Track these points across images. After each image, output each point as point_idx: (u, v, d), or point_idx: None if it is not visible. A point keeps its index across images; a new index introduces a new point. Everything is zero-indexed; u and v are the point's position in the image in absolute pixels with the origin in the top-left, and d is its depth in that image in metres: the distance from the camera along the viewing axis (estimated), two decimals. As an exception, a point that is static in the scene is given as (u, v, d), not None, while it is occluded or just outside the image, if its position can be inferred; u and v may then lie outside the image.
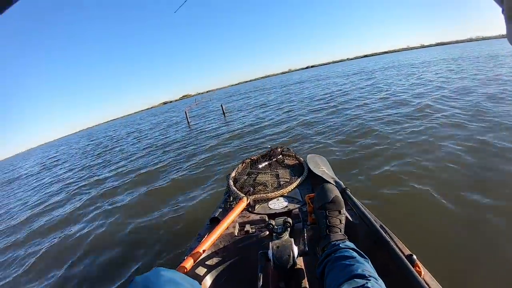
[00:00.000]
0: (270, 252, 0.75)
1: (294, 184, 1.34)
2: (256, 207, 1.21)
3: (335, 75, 19.90)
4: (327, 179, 1.27)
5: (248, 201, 1.21)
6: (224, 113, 9.94)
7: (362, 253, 0.67)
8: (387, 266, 0.72)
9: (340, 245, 0.71)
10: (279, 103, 9.69)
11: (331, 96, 8.45)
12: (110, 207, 3.21)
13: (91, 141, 16.13)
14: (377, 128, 3.74)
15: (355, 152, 3.04)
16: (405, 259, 0.68)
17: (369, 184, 2.23)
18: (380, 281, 0.56)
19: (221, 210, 1.22)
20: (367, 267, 0.61)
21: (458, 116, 3.60)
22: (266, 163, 1.68)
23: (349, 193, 1.06)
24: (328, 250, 0.72)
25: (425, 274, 0.67)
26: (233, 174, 1.56)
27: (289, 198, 1.25)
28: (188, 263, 0.81)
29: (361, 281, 0.55)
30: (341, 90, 9.54)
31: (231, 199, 1.30)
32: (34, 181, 7.43)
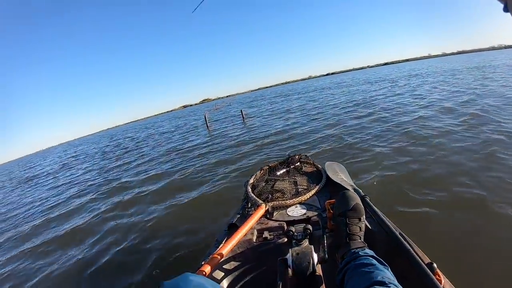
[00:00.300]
0: (289, 259, 0.76)
1: (313, 191, 1.34)
2: (274, 214, 1.21)
3: (360, 82, 19.16)
4: (346, 187, 1.25)
5: (267, 208, 1.22)
6: (243, 119, 9.92)
7: (382, 260, 0.67)
8: (406, 274, 0.71)
9: (360, 252, 0.71)
10: (304, 109, 9.13)
11: (365, 102, 7.93)
12: (128, 211, 3.30)
13: (113, 140, 16.55)
14: (432, 139, 3.35)
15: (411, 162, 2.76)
16: (425, 266, 0.67)
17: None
18: None
19: (239, 216, 1.23)
20: (387, 274, 0.60)
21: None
22: (284, 170, 1.69)
23: (368, 200, 1.05)
24: (347, 258, 0.72)
25: (445, 283, 0.66)
26: (251, 181, 1.58)
27: (307, 205, 1.24)
28: (207, 268, 0.82)
29: None
30: (372, 97, 9.03)
31: (249, 206, 1.31)
32: (50, 180, 7.77)
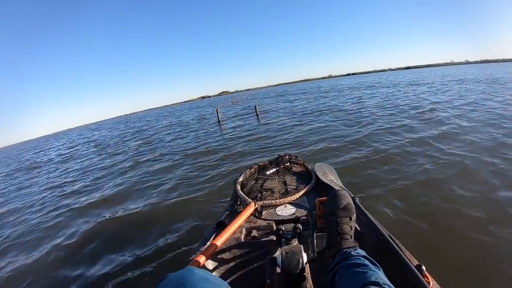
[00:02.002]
0: (278, 258, 0.75)
1: (302, 192, 1.34)
2: (263, 213, 1.21)
3: (387, 84, 18.00)
4: (335, 188, 1.26)
5: (256, 207, 1.21)
6: (257, 115, 9.47)
7: (374, 261, 0.67)
8: (395, 275, 0.71)
9: (352, 252, 0.71)
10: (334, 113, 7.67)
11: (406, 107, 6.88)
12: (111, 206, 3.21)
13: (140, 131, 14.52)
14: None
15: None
16: (415, 268, 0.67)
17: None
18: None
19: (227, 214, 1.21)
20: (380, 275, 0.60)
21: None
22: (274, 169, 1.68)
23: (358, 202, 1.06)
24: (339, 257, 0.72)
25: (433, 286, 0.67)
26: (240, 179, 1.56)
27: (296, 205, 1.24)
28: (194, 265, 0.81)
29: None
30: (413, 100, 8.05)
31: (238, 204, 1.30)
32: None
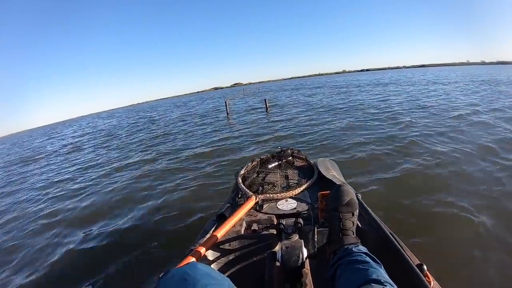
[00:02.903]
0: (278, 252, 0.75)
1: (304, 186, 1.33)
2: (264, 207, 1.20)
3: (409, 82, 16.52)
4: (337, 184, 1.25)
5: (257, 200, 1.20)
6: (267, 108, 9.31)
7: (375, 258, 0.66)
8: (395, 274, 0.71)
9: (353, 249, 0.70)
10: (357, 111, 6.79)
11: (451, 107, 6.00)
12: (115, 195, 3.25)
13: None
14: None
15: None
16: (416, 267, 0.66)
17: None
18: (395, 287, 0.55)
19: (228, 207, 1.21)
20: (381, 273, 0.59)
21: None
22: (276, 163, 1.67)
23: (360, 198, 1.05)
24: (340, 253, 0.71)
25: (434, 285, 0.66)
26: (242, 172, 1.56)
27: (298, 200, 1.23)
28: (193, 258, 0.80)
29: (378, 286, 0.54)
30: (447, 100, 7.28)
31: (239, 197, 1.30)
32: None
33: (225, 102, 10.41)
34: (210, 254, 0.93)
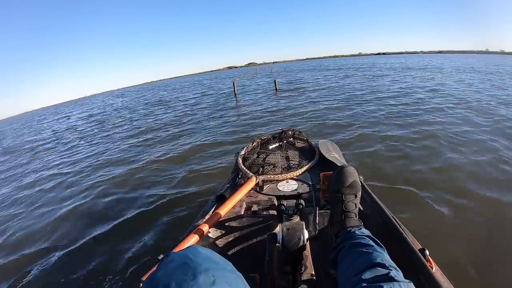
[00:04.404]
0: (279, 234, 0.74)
1: (305, 168, 1.31)
2: (264, 188, 1.19)
3: (440, 68, 14.04)
4: (338, 165, 1.23)
5: (257, 181, 1.19)
6: (276, 90, 8.98)
7: (379, 242, 0.65)
8: (397, 259, 0.71)
9: (356, 231, 0.69)
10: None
11: None
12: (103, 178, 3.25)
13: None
14: None
15: None
16: (418, 252, 0.66)
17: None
18: (400, 272, 0.54)
19: (228, 187, 1.20)
20: (385, 256, 0.58)
21: None
22: (277, 144, 1.64)
23: (362, 181, 1.03)
24: (343, 236, 0.70)
25: (436, 271, 0.65)
26: (242, 153, 1.53)
27: (299, 181, 1.22)
28: (191, 240, 0.79)
29: (383, 270, 0.53)
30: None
31: (239, 177, 1.28)
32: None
33: (233, 83, 10.07)
34: (210, 235, 0.93)
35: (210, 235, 0.93)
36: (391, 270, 0.52)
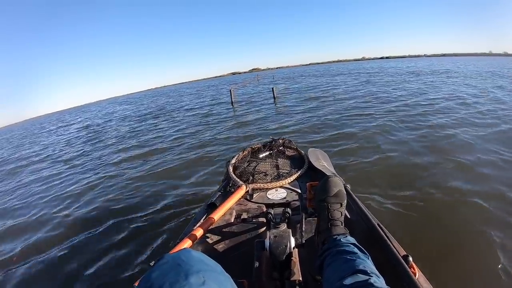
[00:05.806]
0: (266, 241, 0.76)
1: (294, 176, 1.34)
2: (254, 196, 1.21)
3: (450, 72, 13.23)
4: (327, 174, 1.26)
5: (247, 189, 1.21)
6: (274, 98, 8.73)
7: (363, 249, 0.67)
8: (382, 265, 0.73)
9: (342, 239, 0.71)
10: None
11: None
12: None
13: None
14: None
15: None
16: (401, 258, 0.68)
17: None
18: (381, 279, 0.56)
19: (219, 196, 1.22)
20: (368, 263, 0.61)
21: None
22: (267, 153, 1.67)
23: (349, 189, 1.06)
24: (328, 244, 0.72)
25: (419, 276, 0.68)
26: (233, 161, 1.56)
27: (288, 189, 1.25)
28: (183, 246, 0.81)
29: (364, 277, 0.55)
30: None
31: (230, 185, 1.30)
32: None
33: (230, 91, 9.65)
34: (201, 242, 0.94)
35: (201, 241, 0.94)
36: (372, 276, 0.55)
